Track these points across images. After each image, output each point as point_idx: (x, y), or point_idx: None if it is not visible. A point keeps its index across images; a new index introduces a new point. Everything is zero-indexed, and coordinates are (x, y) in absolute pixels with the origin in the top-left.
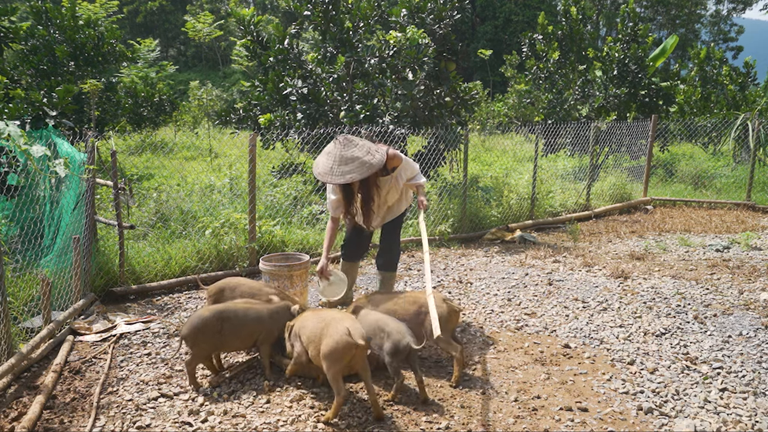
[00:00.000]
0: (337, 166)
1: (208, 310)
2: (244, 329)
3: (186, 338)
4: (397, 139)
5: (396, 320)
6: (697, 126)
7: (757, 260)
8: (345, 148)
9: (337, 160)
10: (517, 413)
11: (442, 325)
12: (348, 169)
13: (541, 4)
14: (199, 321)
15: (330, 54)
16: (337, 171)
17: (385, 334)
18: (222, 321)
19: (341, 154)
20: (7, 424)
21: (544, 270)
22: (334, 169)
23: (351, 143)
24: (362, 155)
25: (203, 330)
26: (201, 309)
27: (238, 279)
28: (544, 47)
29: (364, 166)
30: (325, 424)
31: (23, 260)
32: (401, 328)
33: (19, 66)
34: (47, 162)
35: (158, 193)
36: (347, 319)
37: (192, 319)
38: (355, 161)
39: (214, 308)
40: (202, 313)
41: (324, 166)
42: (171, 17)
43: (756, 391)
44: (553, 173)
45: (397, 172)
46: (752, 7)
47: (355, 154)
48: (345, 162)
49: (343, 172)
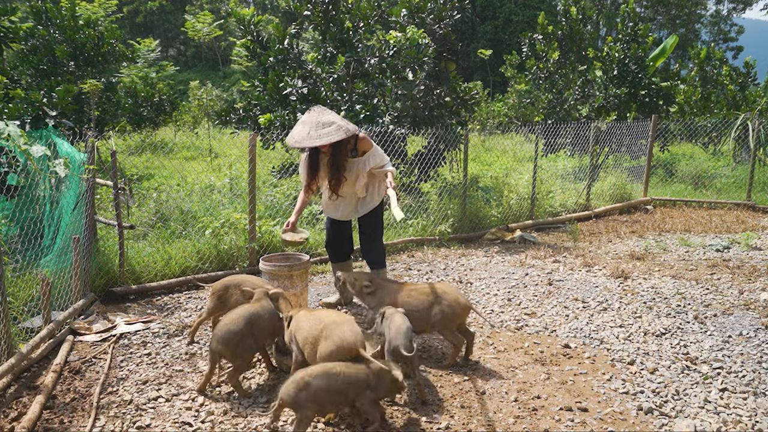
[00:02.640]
0: (314, 130)
1: (235, 322)
2: (269, 326)
3: (224, 353)
4: (397, 139)
5: (401, 319)
6: (697, 126)
7: (757, 260)
8: (321, 114)
9: (314, 125)
10: (517, 413)
11: (451, 318)
12: (325, 132)
13: (541, 4)
14: (232, 335)
15: (330, 54)
16: (314, 134)
17: (386, 332)
18: (252, 325)
19: (318, 119)
20: (7, 424)
21: (544, 270)
22: (311, 134)
23: (325, 110)
24: (338, 120)
25: (241, 341)
26: (227, 320)
27: (242, 276)
28: (544, 47)
29: (341, 130)
30: (326, 425)
31: (23, 260)
32: (402, 329)
33: (19, 66)
34: (47, 162)
35: (158, 193)
36: (346, 322)
37: (224, 334)
38: (332, 125)
39: (241, 316)
40: (231, 328)
41: (300, 133)
42: (171, 17)
43: (756, 391)
44: (553, 173)
45: (366, 156)
46: (752, 7)
47: (331, 119)
48: (322, 126)
49: (320, 135)
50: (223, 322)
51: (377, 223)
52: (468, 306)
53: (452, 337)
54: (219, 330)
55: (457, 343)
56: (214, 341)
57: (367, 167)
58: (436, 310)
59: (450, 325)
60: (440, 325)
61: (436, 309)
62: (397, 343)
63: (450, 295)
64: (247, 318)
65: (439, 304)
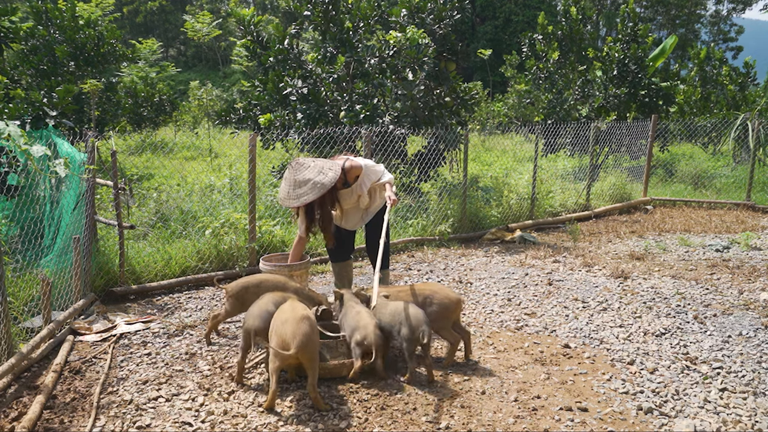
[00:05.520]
0: (293, 189)
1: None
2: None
3: (260, 332)
4: (397, 139)
5: (415, 307)
6: (697, 126)
7: (757, 260)
8: (297, 172)
9: (292, 184)
10: (517, 413)
11: (445, 314)
12: (302, 192)
13: (541, 4)
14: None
15: (330, 54)
16: (293, 194)
17: (402, 319)
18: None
19: (294, 177)
20: (7, 424)
21: (544, 270)
22: (290, 193)
23: (302, 166)
24: (313, 176)
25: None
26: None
27: (260, 276)
28: (544, 47)
29: (316, 187)
30: (323, 415)
31: (23, 260)
32: (418, 315)
33: (19, 66)
34: (47, 162)
35: (158, 193)
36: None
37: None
38: (307, 183)
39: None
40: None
41: (283, 192)
42: (171, 17)
43: (756, 391)
44: (553, 173)
45: (360, 180)
46: (752, 7)
47: (306, 176)
48: (298, 185)
49: (298, 195)
50: (257, 304)
51: (381, 222)
52: (459, 299)
53: (448, 335)
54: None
55: (454, 340)
56: (249, 319)
57: (365, 189)
58: (428, 309)
59: (445, 322)
60: (435, 324)
61: (427, 308)
62: (417, 325)
63: (440, 292)
64: (277, 303)
65: (430, 304)
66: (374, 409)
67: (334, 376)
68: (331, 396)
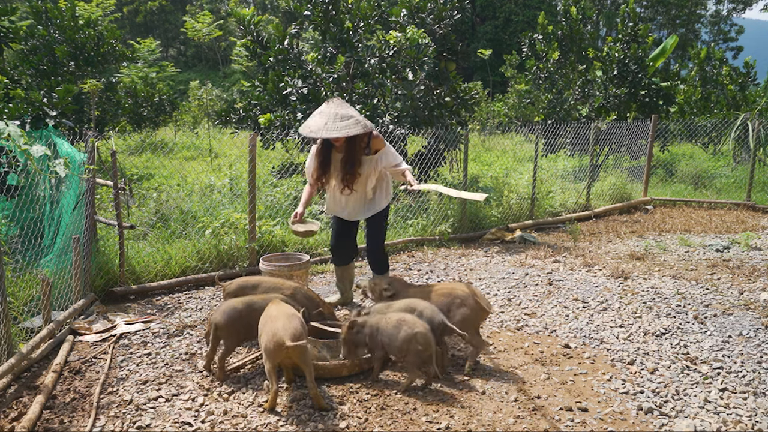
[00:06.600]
0: (332, 122)
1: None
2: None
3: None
4: (397, 139)
5: (426, 301)
6: (697, 126)
7: (757, 260)
8: (339, 107)
9: (332, 117)
10: (517, 413)
11: (471, 320)
12: (343, 125)
13: (541, 4)
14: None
15: (330, 54)
16: (332, 126)
17: (417, 313)
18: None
19: (336, 111)
20: (7, 424)
21: (544, 270)
22: (328, 125)
23: (344, 103)
24: (356, 114)
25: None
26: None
27: (258, 277)
28: (544, 47)
29: (359, 124)
30: (323, 416)
31: (23, 260)
32: (433, 306)
33: (19, 66)
34: (47, 162)
35: (158, 193)
36: (282, 317)
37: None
38: (350, 118)
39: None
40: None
41: (316, 123)
42: (171, 17)
43: (756, 391)
44: (553, 173)
45: (379, 154)
46: (752, 7)
47: (350, 113)
48: (340, 118)
49: (337, 127)
50: (227, 302)
51: (383, 225)
52: (489, 309)
53: (474, 339)
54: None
55: (478, 345)
56: (215, 313)
57: (380, 166)
58: (455, 311)
59: (470, 328)
60: (461, 327)
61: (455, 311)
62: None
63: (471, 297)
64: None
65: (460, 306)
66: (374, 409)
67: (334, 376)
68: (331, 396)
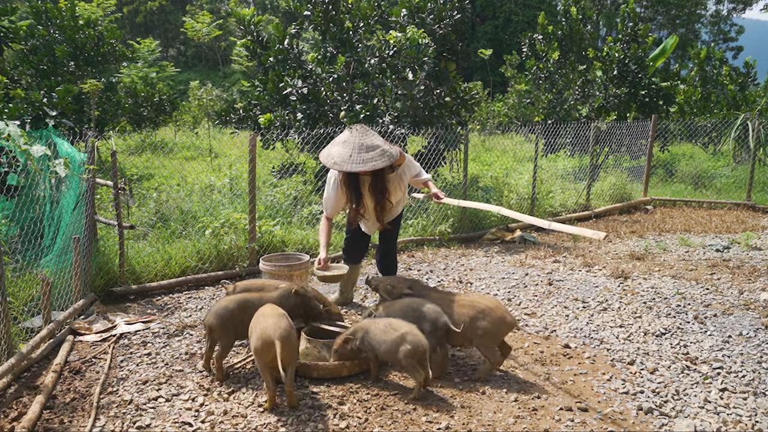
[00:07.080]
0: (357, 153)
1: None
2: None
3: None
4: (397, 139)
5: (430, 303)
6: (697, 126)
7: (757, 260)
8: (363, 136)
9: (356, 148)
10: (517, 413)
11: (492, 334)
12: (369, 157)
13: (541, 4)
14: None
15: (330, 54)
16: (357, 158)
17: (419, 314)
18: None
19: (360, 141)
20: (7, 424)
21: (544, 270)
22: (353, 157)
23: (368, 131)
24: (382, 143)
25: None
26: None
27: (262, 280)
28: (544, 47)
29: (385, 155)
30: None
31: (23, 260)
32: (436, 308)
33: (19, 66)
34: (47, 162)
35: (158, 193)
36: (272, 316)
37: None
38: (376, 149)
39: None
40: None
41: (341, 155)
42: (171, 17)
43: (756, 391)
44: (553, 173)
45: (401, 169)
46: (752, 7)
47: (375, 142)
48: (366, 149)
49: (364, 160)
50: (220, 302)
51: (398, 228)
52: (513, 324)
53: (490, 354)
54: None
55: (495, 361)
56: (207, 315)
57: (404, 180)
58: (478, 324)
59: (491, 342)
60: (480, 341)
61: (478, 323)
62: (436, 316)
63: (496, 311)
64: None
65: (483, 319)
66: (374, 409)
67: (334, 376)
68: (331, 396)
